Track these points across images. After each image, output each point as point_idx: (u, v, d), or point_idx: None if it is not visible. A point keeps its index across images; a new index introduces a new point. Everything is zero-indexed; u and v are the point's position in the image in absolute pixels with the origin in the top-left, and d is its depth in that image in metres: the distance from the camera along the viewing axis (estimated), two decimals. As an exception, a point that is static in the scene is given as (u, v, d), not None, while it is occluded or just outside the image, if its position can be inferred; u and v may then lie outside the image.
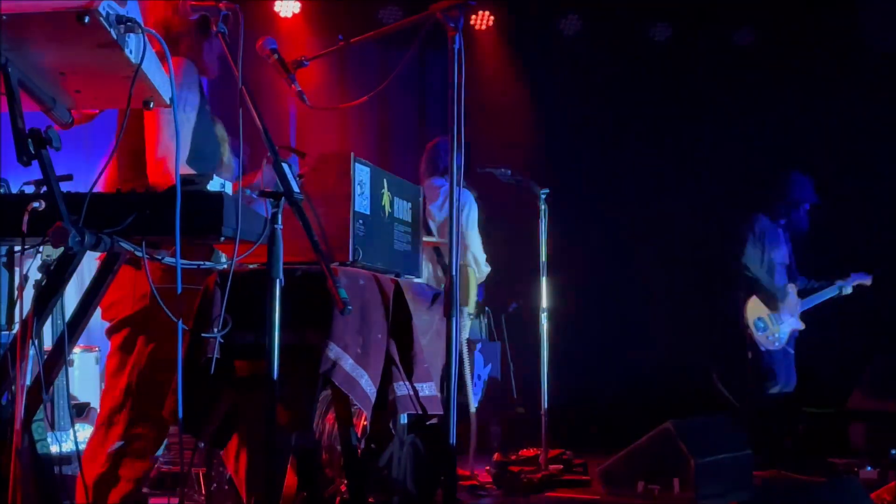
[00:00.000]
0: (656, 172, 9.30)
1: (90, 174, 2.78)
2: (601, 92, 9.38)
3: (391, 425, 3.38)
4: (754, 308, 6.87)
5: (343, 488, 4.14)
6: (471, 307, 6.22)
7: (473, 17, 9.14)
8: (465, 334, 6.28)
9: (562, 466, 6.22)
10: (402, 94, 9.12)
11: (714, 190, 9.15)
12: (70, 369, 5.23)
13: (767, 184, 7.39)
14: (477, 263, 6.33)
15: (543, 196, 6.31)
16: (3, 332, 2.77)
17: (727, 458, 5.65)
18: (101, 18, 2.43)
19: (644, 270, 9.15)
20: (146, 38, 2.57)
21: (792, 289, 6.98)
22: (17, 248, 2.74)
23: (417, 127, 9.40)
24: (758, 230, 6.95)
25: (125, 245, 2.60)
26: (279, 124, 8.31)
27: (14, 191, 2.87)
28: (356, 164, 3.20)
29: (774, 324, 6.85)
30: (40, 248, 2.65)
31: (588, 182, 9.29)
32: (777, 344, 6.85)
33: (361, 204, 3.22)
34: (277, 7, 8.62)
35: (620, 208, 9.28)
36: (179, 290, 2.50)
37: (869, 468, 6.25)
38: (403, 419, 3.71)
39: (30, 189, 3.47)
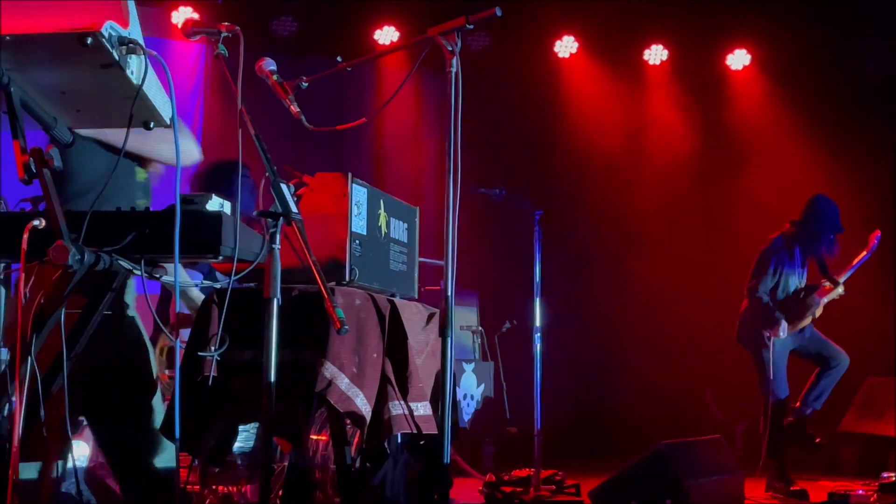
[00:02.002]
0: (651, 193, 9.35)
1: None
2: (596, 112, 9.44)
3: (386, 444, 3.39)
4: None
5: (337, 507, 4.15)
6: None
7: (469, 38, 9.19)
8: None
9: (554, 487, 6.20)
10: (399, 115, 9.16)
11: (710, 209, 9.20)
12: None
13: (770, 198, 7.29)
14: None
15: (538, 217, 6.32)
16: (2, 349, 2.79)
17: (719, 479, 5.66)
18: (104, 40, 2.46)
19: (638, 292, 9.18)
20: (147, 59, 2.60)
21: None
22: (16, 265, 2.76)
23: (414, 148, 9.45)
24: (773, 255, 6.81)
25: (124, 263, 2.62)
26: (279, 145, 8.33)
27: (12, 208, 2.89)
28: (353, 185, 3.23)
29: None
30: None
31: (582, 203, 9.33)
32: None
33: (358, 224, 3.25)
34: (274, 26, 8.67)
35: (615, 229, 9.32)
36: (178, 310, 2.52)
37: (861, 491, 6.25)
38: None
39: (25, 206, 3.49)
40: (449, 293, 3.09)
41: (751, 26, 9.22)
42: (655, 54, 9.48)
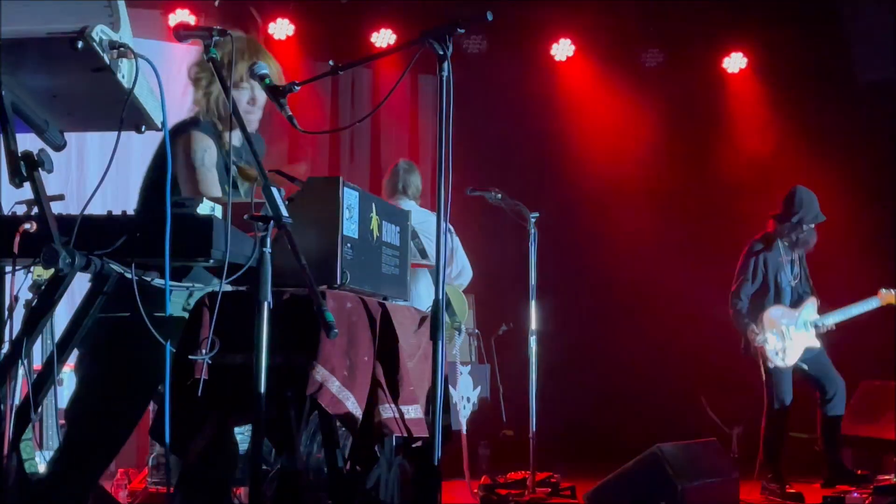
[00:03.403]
0: (647, 195, 9.36)
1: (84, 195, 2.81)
2: (593, 115, 9.45)
3: (377, 447, 3.40)
4: (769, 322, 6.72)
5: (330, 510, 4.14)
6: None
7: (466, 41, 9.21)
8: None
9: (549, 490, 6.22)
10: (393, 118, 9.17)
11: (706, 213, 9.21)
12: (59, 389, 5.25)
13: (765, 203, 7.32)
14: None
15: (533, 219, 6.33)
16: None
17: (714, 482, 5.66)
18: (95, 44, 2.47)
19: (634, 294, 9.18)
20: (138, 63, 2.61)
21: (806, 305, 6.81)
22: (8, 268, 2.76)
23: (408, 150, 9.46)
24: (751, 257, 6.82)
25: (115, 267, 2.62)
26: (270, 147, 8.34)
27: (6, 211, 2.90)
28: (345, 189, 3.23)
29: (780, 340, 6.69)
30: (30, 269, 2.68)
31: (578, 205, 9.33)
32: (782, 362, 6.67)
33: (350, 228, 3.25)
34: (271, 30, 8.67)
35: (611, 232, 9.32)
36: (168, 313, 2.53)
37: (856, 494, 6.26)
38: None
39: (21, 209, 3.49)
40: (440, 296, 3.10)
41: (747, 30, 9.23)
42: (652, 57, 9.49)
